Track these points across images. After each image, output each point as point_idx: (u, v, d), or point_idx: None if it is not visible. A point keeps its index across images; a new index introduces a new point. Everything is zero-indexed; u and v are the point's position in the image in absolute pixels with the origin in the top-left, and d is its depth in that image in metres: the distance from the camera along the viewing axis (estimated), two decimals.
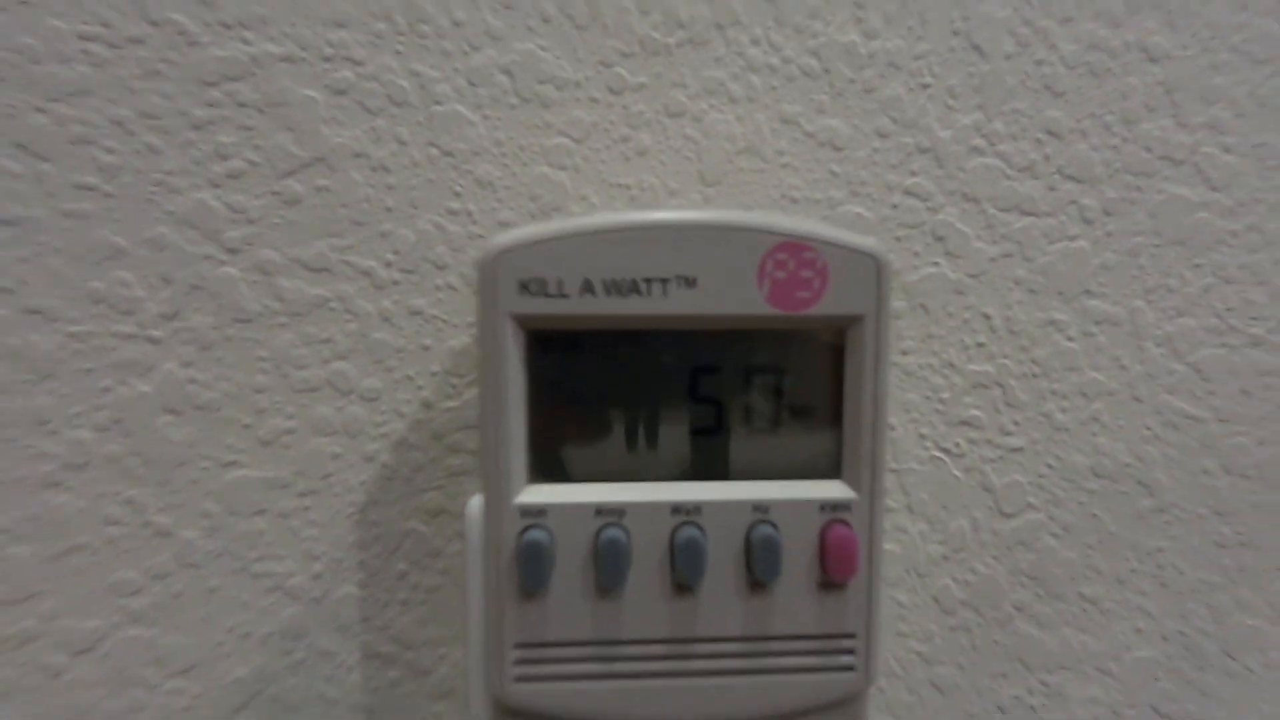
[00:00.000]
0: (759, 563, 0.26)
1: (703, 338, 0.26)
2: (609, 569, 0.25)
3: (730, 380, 0.26)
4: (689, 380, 0.26)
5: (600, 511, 0.25)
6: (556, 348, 0.26)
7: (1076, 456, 0.38)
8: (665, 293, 0.25)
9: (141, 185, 0.31)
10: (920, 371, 0.36)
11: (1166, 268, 0.37)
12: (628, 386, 0.26)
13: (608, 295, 0.24)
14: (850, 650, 0.27)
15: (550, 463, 0.26)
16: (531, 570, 0.25)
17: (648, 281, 0.24)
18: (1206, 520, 0.39)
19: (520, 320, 0.25)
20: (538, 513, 0.25)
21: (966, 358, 0.36)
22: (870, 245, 0.25)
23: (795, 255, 0.25)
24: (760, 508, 0.26)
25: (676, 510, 0.26)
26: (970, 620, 0.38)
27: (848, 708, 0.27)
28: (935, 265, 0.36)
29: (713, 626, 0.26)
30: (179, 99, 0.31)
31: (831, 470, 0.27)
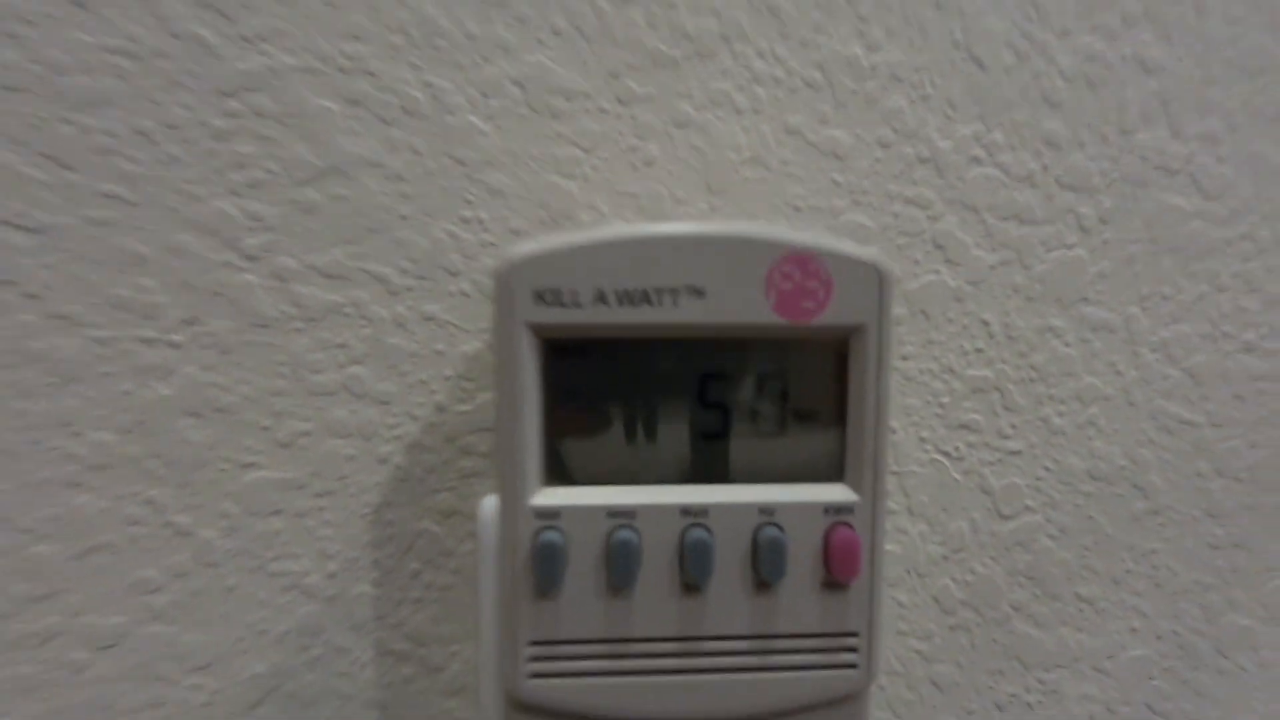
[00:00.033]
0: (765, 563, 0.26)
1: (711, 346, 0.27)
2: (620, 569, 0.26)
3: (737, 386, 0.27)
4: (697, 386, 0.27)
5: (612, 514, 0.26)
6: (570, 355, 0.26)
7: (1073, 460, 0.38)
8: (675, 303, 0.25)
9: (163, 194, 0.32)
10: (921, 376, 0.37)
11: (1161, 275, 0.38)
12: (638, 392, 0.27)
13: (620, 305, 0.25)
14: (853, 648, 0.27)
15: (564, 466, 0.27)
16: (546, 570, 0.26)
17: (658, 292, 0.25)
18: (1200, 522, 0.40)
19: (535, 329, 0.25)
20: (552, 515, 0.26)
21: (966, 363, 0.37)
22: (872, 257, 0.26)
23: (801, 266, 0.26)
24: (766, 510, 0.27)
25: (685, 512, 0.27)
26: (969, 619, 0.39)
27: (850, 705, 0.28)
28: (935, 273, 0.36)
29: (720, 625, 0.27)
30: (200, 110, 0.31)
31: (835, 474, 0.28)
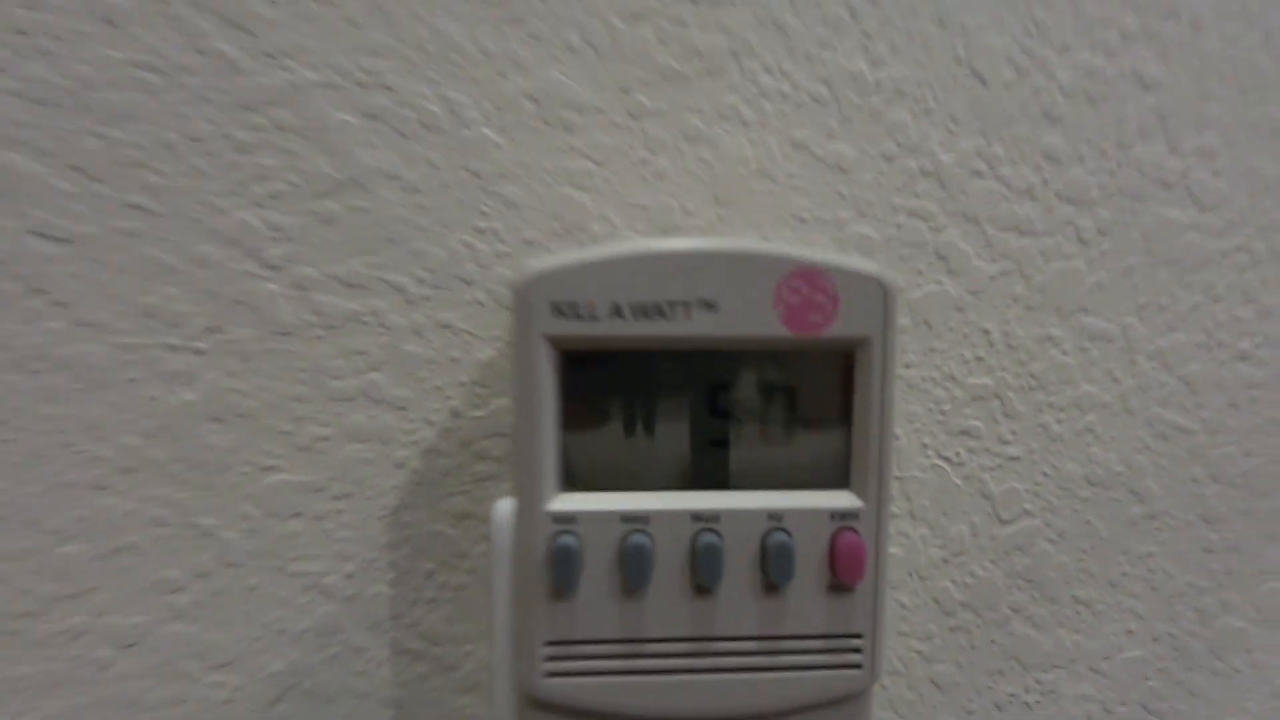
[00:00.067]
0: (773, 567, 0.27)
1: (722, 357, 0.28)
2: (634, 572, 0.27)
3: (747, 397, 0.28)
4: (708, 396, 0.28)
5: (626, 519, 0.27)
6: (586, 366, 0.27)
7: (1071, 465, 0.39)
8: (688, 316, 0.26)
9: (188, 205, 0.32)
10: (923, 384, 0.38)
11: (1158, 286, 0.39)
12: (652, 402, 0.28)
13: (635, 318, 0.26)
14: (857, 649, 0.28)
15: (580, 472, 0.28)
16: (562, 573, 0.26)
17: (671, 305, 0.26)
18: (1195, 526, 0.41)
19: (553, 341, 0.26)
20: (568, 519, 0.27)
21: (967, 371, 0.38)
22: (877, 272, 0.27)
23: (809, 281, 0.27)
24: (775, 516, 0.28)
25: (697, 518, 0.27)
26: (969, 621, 0.40)
27: (854, 704, 0.29)
28: (938, 283, 0.37)
29: (730, 626, 0.28)
30: (223, 124, 0.32)
31: (841, 481, 0.28)
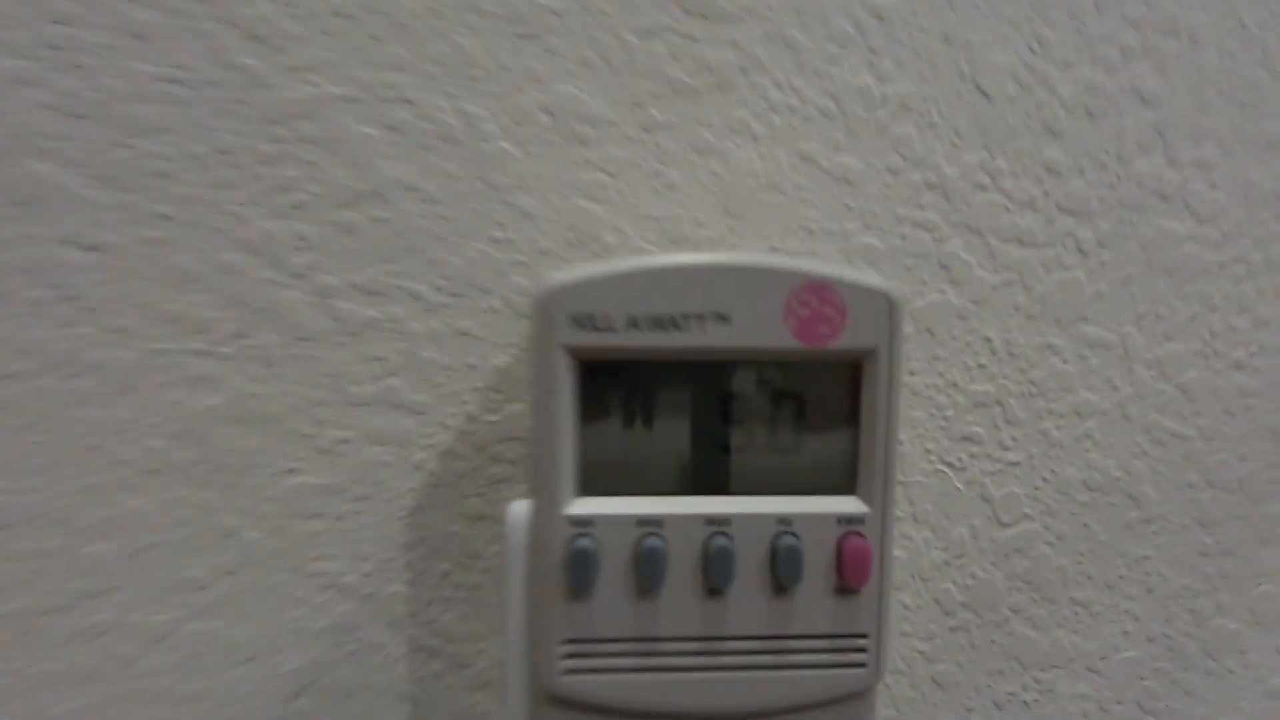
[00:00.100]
0: (782, 569, 0.28)
1: (733, 367, 0.29)
2: (648, 574, 0.28)
3: (757, 405, 0.29)
4: (720, 405, 0.29)
5: (641, 522, 0.28)
6: (604, 375, 0.28)
7: (1070, 470, 0.40)
8: (701, 328, 0.27)
9: (214, 215, 0.33)
10: (926, 391, 0.39)
11: (1156, 296, 0.40)
12: (666, 410, 0.29)
13: (650, 330, 0.27)
14: (863, 649, 0.29)
15: (596, 478, 0.29)
16: (580, 574, 0.27)
17: (686, 317, 0.27)
18: (1190, 530, 0.41)
19: (572, 351, 0.27)
20: (585, 523, 0.28)
21: (969, 378, 0.39)
22: (884, 286, 0.28)
23: (818, 294, 0.28)
24: (784, 520, 0.29)
25: (709, 522, 0.28)
26: (969, 621, 0.41)
27: (859, 702, 0.30)
28: (941, 292, 0.38)
29: (740, 626, 0.29)
30: (249, 136, 0.33)
31: (848, 486, 0.29)
